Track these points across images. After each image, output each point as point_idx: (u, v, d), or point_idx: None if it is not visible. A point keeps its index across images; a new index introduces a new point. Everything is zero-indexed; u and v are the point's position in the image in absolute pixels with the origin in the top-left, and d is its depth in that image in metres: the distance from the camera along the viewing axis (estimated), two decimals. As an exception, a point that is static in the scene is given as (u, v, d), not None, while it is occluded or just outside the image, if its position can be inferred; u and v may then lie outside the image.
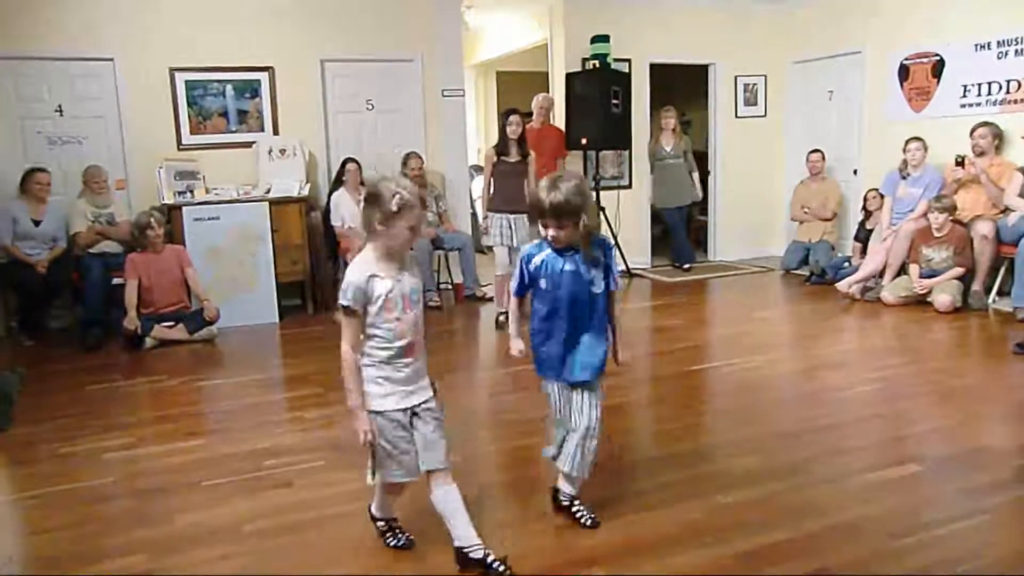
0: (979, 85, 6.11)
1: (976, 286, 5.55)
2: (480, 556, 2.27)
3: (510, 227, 5.45)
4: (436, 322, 5.81)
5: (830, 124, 7.54)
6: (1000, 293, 5.57)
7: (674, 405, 3.91)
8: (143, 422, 3.80)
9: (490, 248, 5.82)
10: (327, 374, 4.51)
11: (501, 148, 5.51)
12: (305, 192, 6.14)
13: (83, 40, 5.83)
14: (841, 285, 6.12)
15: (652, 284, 7.12)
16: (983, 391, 4.01)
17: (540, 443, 3.47)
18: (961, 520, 2.56)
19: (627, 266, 7.37)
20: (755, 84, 7.99)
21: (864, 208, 6.66)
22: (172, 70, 6.10)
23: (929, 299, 5.56)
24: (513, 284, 2.61)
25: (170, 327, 5.21)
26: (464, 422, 3.75)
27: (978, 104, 6.12)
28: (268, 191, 6.04)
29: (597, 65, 6.96)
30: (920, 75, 6.57)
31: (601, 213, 7.08)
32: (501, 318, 5.53)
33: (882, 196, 6.42)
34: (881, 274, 5.98)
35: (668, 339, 5.28)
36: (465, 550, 2.28)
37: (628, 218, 7.53)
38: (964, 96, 6.23)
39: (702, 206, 8.34)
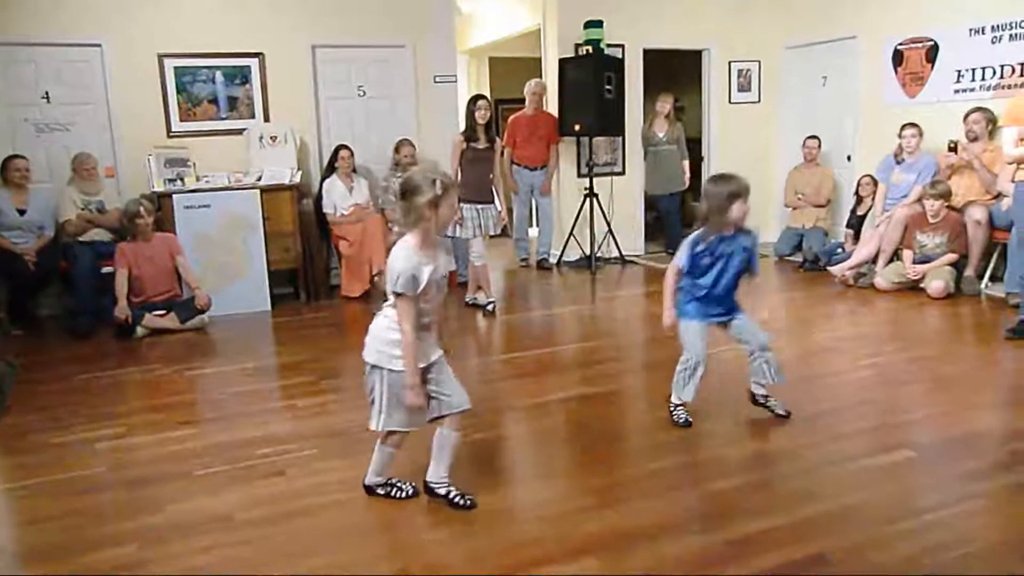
0: (973, 70, 6.09)
1: (969, 272, 5.56)
2: (443, 493, 2.63)
3: (479, 216, 5.41)
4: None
5: (824, 110, 7.52)
6: (992, 279, 5.57)
7: (668, 392, 3.90)
8: (134, 411, 3.77)
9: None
10: (319, 362, 4.50)
11: (469, 134, 5.43)
12: (297, 179, 6.09)
13: (70, 26, 5.75)
14: (834, 271, 6.13)
15: (645, 270, 7.11)
16: (976, 377, 4.02)
17: (536, 430, 3.48)
18: (954, 505, 2.56)
19: (620, 253, 7.36)
20: (749, 70, 7.95)
21: (856, 194, 6.66)
22: (161, 56, 6.03)
23: (922, 285, 5.56)
24: (682, 260, 3.21)
25: (161, 316, 5.18)
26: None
27: (972, 89, 6.10)
28: (259, 178, 5.99)
29: (590, 51, 6.91)
30: (914, 60, 6.55)
31: (595, 200, 7.06)
32: (489, 307, 5.51)
33: (875, 182, 6.42)
34: (874, 260, 5.98)
35: (661, 326, 5.26)
36: (433, 484, 2.65)
37: (621, 205, 7.51)
38: (958, 81, 6.21)
39: (696, 192, 8.31)
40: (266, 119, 6.36)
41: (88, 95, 5.91)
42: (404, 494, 2.70)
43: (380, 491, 2.71)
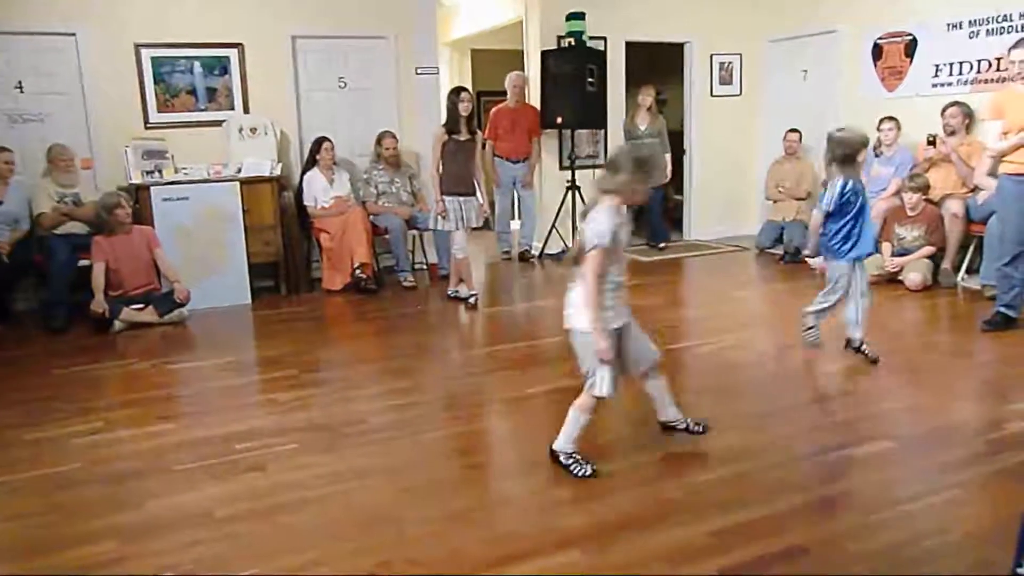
0: (951, 65, 6.14)
1: (946, 264, 5.62)
2: (683, 427, 3.08)
3: (461, 208, 5.39)
4: (411, 302, 5.77)
5: (805, 103, 7.56)
6: (969, 271, 5.64)
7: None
8: (112, 406, 3.72)
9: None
10: (300, 356, 4.47)
11: (451, 126, 5.38)
12: (277, 172, 6.03)
13: (43, 14, 5.64)
14: (813, 263, 6.15)
15: (627, 263, 7.12)
16: (953, 368, 4.07)
17: (518, 423, 3.48)
18: (932, 495, 2.59)
19: (603, 246, 7.35)
20: (730, 63, 7.98)
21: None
22: (137, 46, 5.93)
23: (900, 277, 5.62)
24: (830, 202, 3.81)
25: (139, 309, 5.11)
26: (442, 403, 3.73)
27: (949, 84, 6.16)
28: (239, 171, 5.92)
29: (572, 43, 6.90)
30: (893, 54, 6.60)
31: (577, 192, 7.06)
32: (471, 300, 5.49)
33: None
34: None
35: (644, 318, 5.22)
36: (670, 423, 3.09)
37: (604, 198, 7.49)
38: (936, 76, 6.27)
39: (677, 185, 8.34)
40: (245, 111, 6.28)
41: (63, 85, 5.81)
42: (583, 471, 2.79)
43: (564, 459, 2.83)
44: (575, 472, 2.78)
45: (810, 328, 4.13)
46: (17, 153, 5.51)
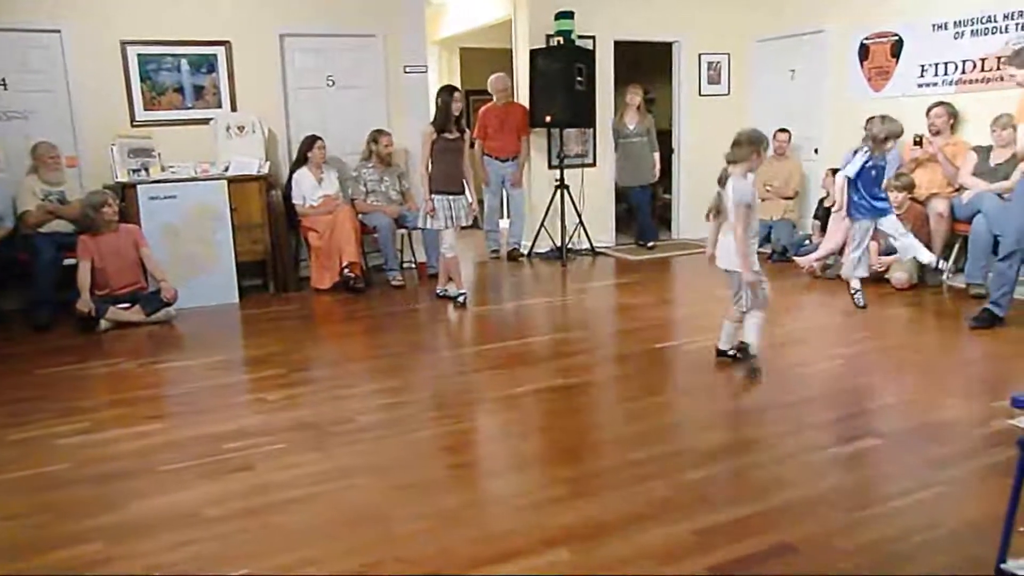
0: (936, 65, 6.19)
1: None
2: (752, 352, 3.85)
3: (450, 207, 5.38)
4: (400, 301, 5.76)
5: (792, 103, 7.59)
6: (954, 270, 5.69)
7: (639, 383, 3.93)
8: (99, 406, 3.69)
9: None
10: (289, 355, 4.45)
11: (440, 125, 5.35)
12: (265, 170, 6.00)
13: (27, 10, 5.58)
14: (801, 262, 6.20)
15: (615, 262, 7.14)
16: (940, 365, 4.11)
17: (508, 422, 3.48)
18: (920, 492, 2.61)
19: (591, 244, 7.38)
20: (719, 62, 8.01)
21: (824, 186, 6.74)
22: (124, 43, 5.89)
23: (886, 276, 5.66)
24: (854, 170, 4.75)
25: (126, 309, 5.08)
26: (431, 402, 3.73)
27: (935, 84, 6.21)
28: (227, 169, 5.89)
29: (561, 42, 6.90)
30: (879, 55, 6.64)
31: (566, 191, 7.07)
32: (460, 299, 5.49)
33: (834, 174, 6.48)
34: (841, 251, 6.06)
35: (632, 317, 5.30)
36: (746, 346, 3.89)
37: (592, 196, 7.51)
38: (921, 76, 6.32)
39: (666, 185, 8.37)
40: (233, 109, 6.25)
41: (48, 82, 5.75)
42: (736, 355, 3.93)
43: (731, 354, 3.96)
44: (736, 356, 3.95)
45: (856, 291, 4.97)
46: (0, 150, 5.46)
